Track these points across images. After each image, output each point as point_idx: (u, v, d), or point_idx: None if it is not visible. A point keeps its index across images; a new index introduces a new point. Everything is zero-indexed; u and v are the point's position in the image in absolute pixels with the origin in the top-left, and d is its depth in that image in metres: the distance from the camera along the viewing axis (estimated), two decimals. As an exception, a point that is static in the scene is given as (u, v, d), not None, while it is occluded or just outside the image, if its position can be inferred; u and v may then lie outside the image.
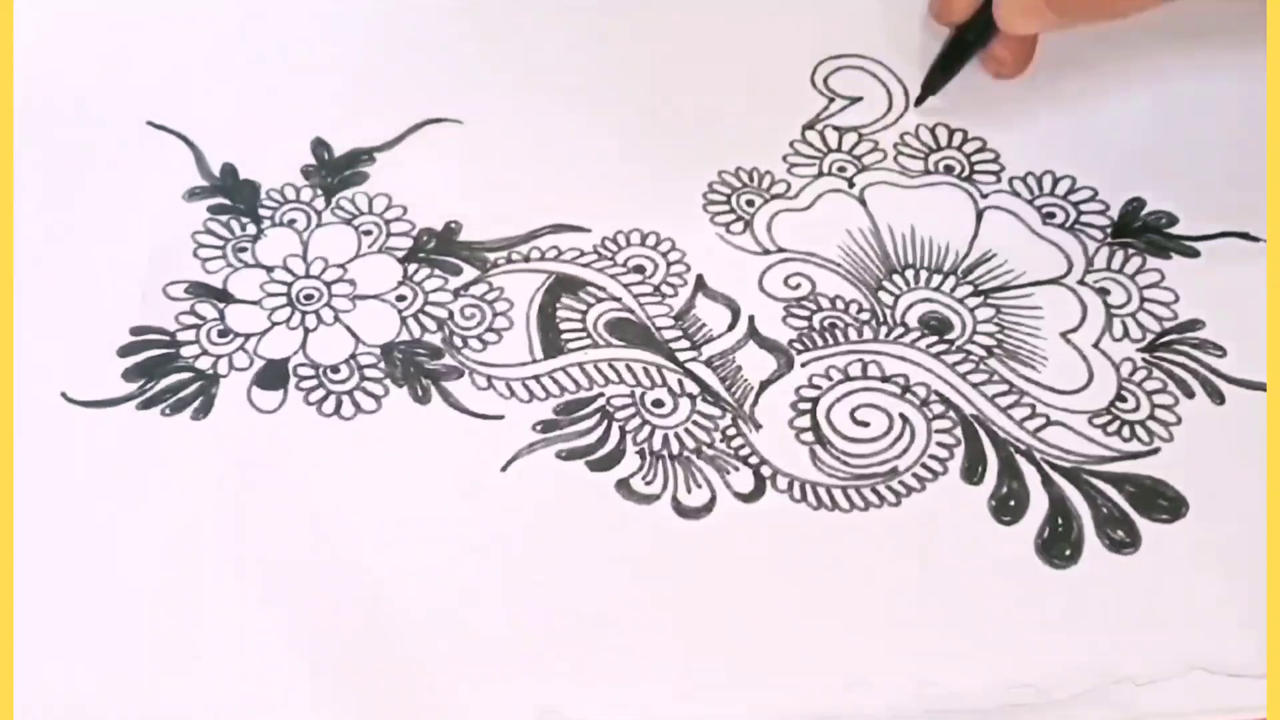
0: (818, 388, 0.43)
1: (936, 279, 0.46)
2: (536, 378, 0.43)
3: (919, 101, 0.50)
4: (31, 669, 0.37)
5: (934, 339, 0.44)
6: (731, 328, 0.44)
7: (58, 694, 0.37)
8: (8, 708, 0.35)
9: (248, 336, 0.44)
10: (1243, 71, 0.50)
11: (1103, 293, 0.45)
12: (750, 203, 0.48)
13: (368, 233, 0.47)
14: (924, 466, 0.41)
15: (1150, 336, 0.44)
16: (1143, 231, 0.47)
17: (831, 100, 0.51)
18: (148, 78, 0.51)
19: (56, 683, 0.37)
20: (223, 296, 0.45)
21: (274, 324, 0.44)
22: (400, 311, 0.45)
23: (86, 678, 0.37)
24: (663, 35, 0.53)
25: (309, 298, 0.45)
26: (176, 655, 0.38)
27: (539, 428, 0.42)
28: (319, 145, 0.49)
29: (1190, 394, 0.43)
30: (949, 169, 0.49)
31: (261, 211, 0.47)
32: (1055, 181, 0.48)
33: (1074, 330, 0.44)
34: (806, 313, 0.45)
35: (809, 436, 0.42)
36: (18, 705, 0.36)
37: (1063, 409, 0.42)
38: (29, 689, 0.37)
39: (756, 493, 0.41)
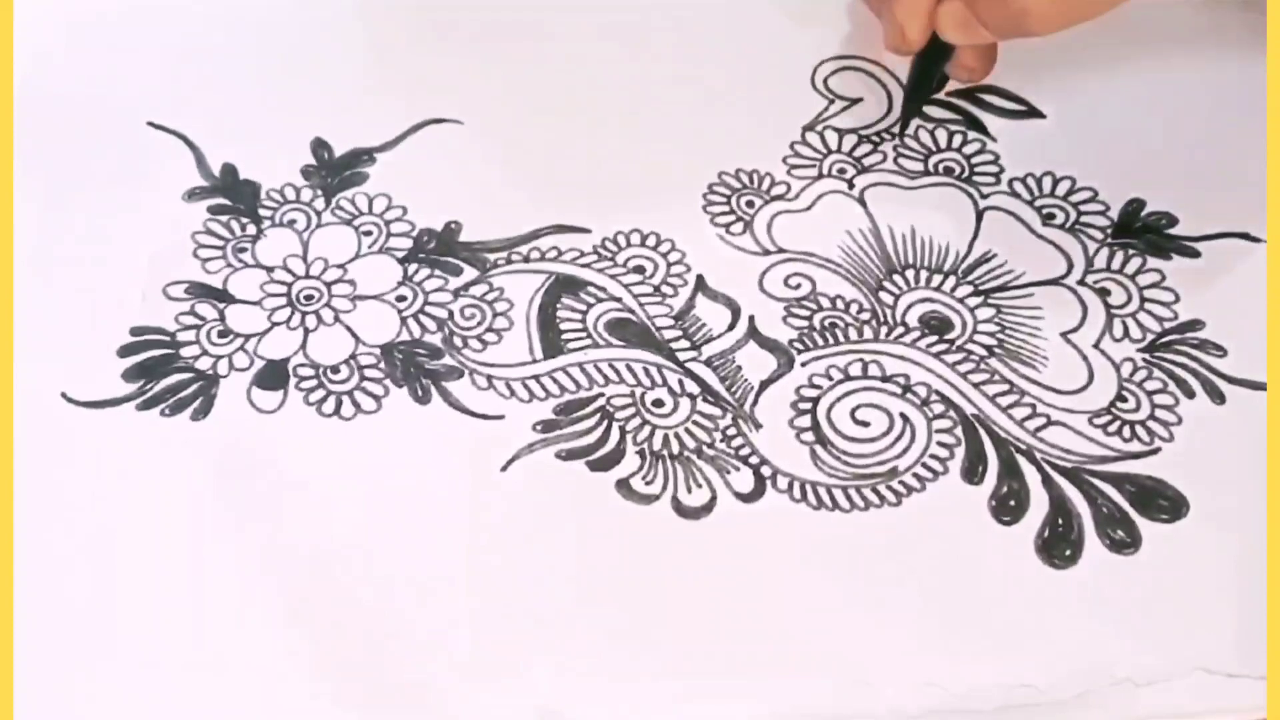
0: (818, 387, 0.43)
1: (937, 279, 0.46)
2: (536, 378, 0.43)
3: (901, 131, 0.50)
4: (32, 669, 0.37)
5: (934, 339, 0.44)
6: (731, 328, 0.44)
7: (58, 694, 0.37)
8: (8, 708, 0.35)
9: (248, 337, 0.44)
10: (1242, 72, 0.50)
11: (1103, 293, 0.45)
12: (750, 204, 0.48)
13: (368, 233, 0.47)
14: (924, 466, 0.41)
15: (1150, 337, 0.44)
16: (1143, 232, 0.47)
17: (831, 102, 0.51)
18: (148, 78, 0.51)
19: (57, 683, 0.37)
20: (223, 297, 0.45)
21: (274, 324, 0.44)
22: (400, 312, 0.45)
23: (87, 678, 0.37)
24: (663, 36, 0.53)
25: (309, 298, 0.45)
26: (176, 655, 0.37)
27: (539, 428, 0.42)
28: (319, 145, 0.49)
29: (1191, 394, 0.43)
30: (949, 170, 0.49)
31: (261, 212, 0.47)
32: (1055, 182, 0.48)
33: (1074, 330, 0.44)
34: (807, 312, 0.45)
35: (809, 436, 0.42)
36: (18, 705, 0.36)
37: (1063, 409, 0.42)
38: (29, 689, 0.36)
39: (756, 493, 0.41)
